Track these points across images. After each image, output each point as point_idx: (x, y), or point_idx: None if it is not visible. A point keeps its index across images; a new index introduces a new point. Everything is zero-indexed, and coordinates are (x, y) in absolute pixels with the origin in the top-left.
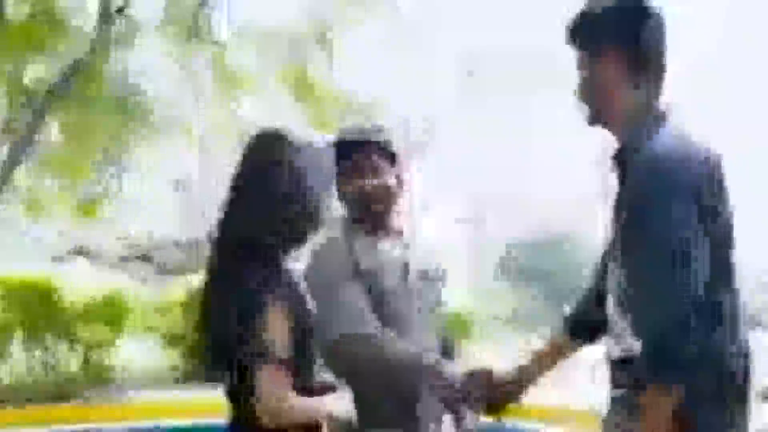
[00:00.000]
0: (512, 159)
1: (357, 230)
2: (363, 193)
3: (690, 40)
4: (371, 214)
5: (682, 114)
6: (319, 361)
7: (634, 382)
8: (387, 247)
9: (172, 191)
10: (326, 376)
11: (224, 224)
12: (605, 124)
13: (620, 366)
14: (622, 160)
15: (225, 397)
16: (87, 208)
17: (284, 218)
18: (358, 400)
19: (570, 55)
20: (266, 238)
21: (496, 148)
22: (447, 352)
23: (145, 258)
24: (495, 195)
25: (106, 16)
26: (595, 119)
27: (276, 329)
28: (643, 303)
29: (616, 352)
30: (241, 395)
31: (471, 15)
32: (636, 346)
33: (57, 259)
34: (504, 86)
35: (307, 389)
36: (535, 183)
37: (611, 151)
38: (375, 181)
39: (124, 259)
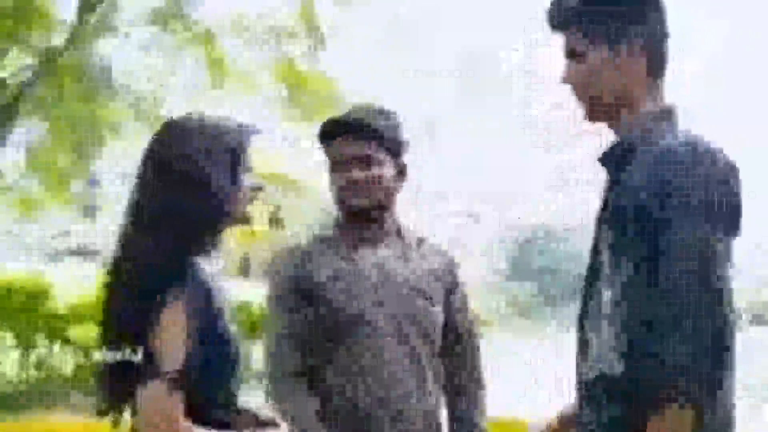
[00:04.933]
0: (512, 158)
1: (342, 234)
2: (350, 186)
3: (699, 43)
4: (360, 212)
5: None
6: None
7: (639, 401)
8: (370, 254)
9: None
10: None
11: (126, 219)
12: (609, 119)
13: (612, 385)
14: (620, 155)
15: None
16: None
17: (181, 210)
18: None
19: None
20: (167, 231)
21: (496, 147)
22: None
23: None
24: (494, 194)
25: (87, 5)
26: (600, 115)
27: (169, 336)
28: (670, 317)
29: (594, 372)
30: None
31: (471, 15)
32: (617, 365)
33: (51, 258)
34: (504, 86)
35: (225, 424)
36: (534, 182)
37: (603, 148)
38: (366, 173)
39: None
